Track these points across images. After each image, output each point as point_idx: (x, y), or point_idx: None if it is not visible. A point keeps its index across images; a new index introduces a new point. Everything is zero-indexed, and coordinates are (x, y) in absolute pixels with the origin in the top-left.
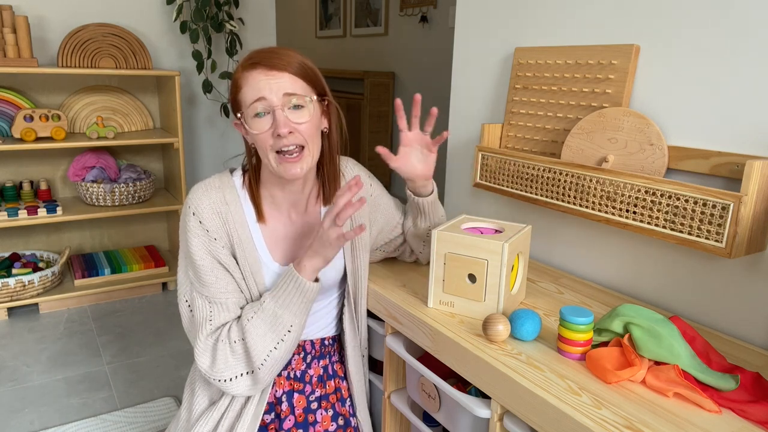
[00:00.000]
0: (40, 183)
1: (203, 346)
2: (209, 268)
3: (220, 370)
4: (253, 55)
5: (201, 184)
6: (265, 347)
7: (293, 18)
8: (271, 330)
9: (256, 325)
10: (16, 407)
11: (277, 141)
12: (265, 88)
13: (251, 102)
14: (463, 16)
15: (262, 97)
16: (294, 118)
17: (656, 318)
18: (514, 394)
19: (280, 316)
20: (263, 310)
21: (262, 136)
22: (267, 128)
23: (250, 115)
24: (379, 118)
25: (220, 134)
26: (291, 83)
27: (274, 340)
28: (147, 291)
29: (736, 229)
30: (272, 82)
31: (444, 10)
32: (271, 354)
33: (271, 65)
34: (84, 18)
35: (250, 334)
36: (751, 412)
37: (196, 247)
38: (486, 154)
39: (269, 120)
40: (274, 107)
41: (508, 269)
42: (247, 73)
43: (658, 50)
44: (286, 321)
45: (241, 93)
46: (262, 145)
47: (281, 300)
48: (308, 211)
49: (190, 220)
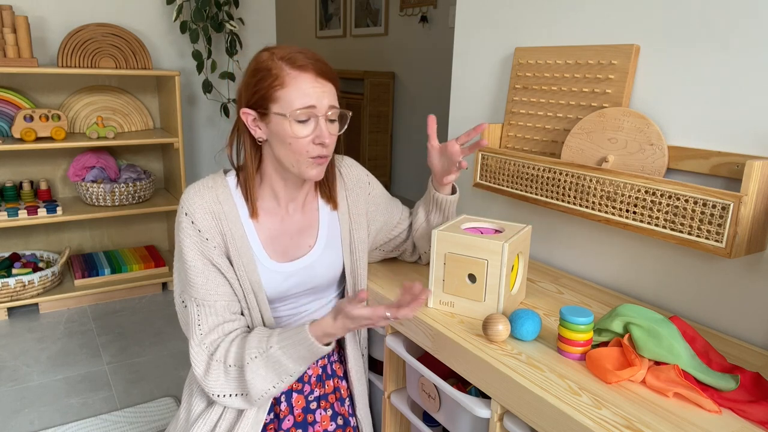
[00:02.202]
0: (40, 183)
1: (197, 354)
2: (200, 269)
3: (212, 385)
4: (299, 56)
5: (194, 185)
6: (264, 386)
7: (293, 18)
8: (273, 373)
9: (258, 366)
10: (16, 407)
11: (317, 149)
12: (314, 96)
13: (300, 107)
14: (463, 16)
15: (312, 105)
16: (331, 129)
17: (656, 318)
18: (514, 394)
19: (285, 364)
20: (269, 356)
21: (302, 141)
22: (308, 134)
23: (293, 118)
24: (379, 118)
25: (220, 134)
26: (334, 95)
27: (273, 381)
28: (147, 291)
29: (736, 229)
30: (320, 91)
31: (444, 10)
32: (269, 392)
33: (321, 73)
34: (84, 18)
35: (251, 372)
36: (751, 412)
37: (188, 248)
38: (486, 154)
39: (311, 126)
40: (319, 116)
41: (508, 269)
42: (296, 74)
43: (658, 50)
44: (290, 369)
45: (284, 91)
46: (298, 148)
47: (289, 352)
48: (305, 206)
49: (183, 221)
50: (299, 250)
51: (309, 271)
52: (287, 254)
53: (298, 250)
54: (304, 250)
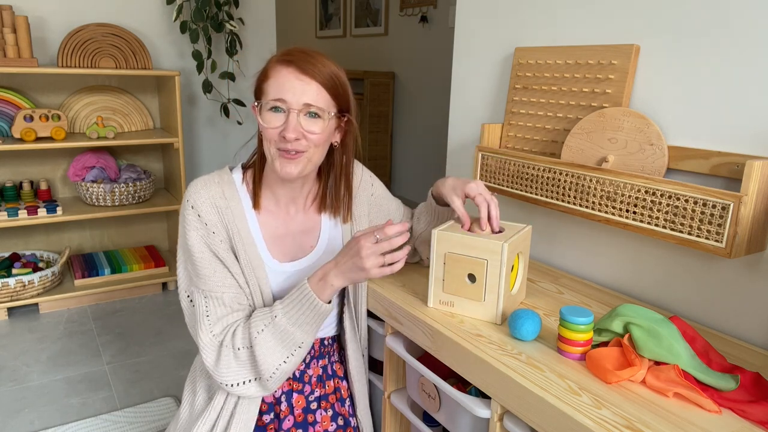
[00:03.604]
0: (40, 183)
1: (206, 344)
2: (207, 261)
3: (223, 374)
4: (292, 51)
5: (200, 179)
6: (274, 361)
7: (293, 18)
8: (281, 345)
9: (266, 338)
10: (16, 407)
11: (281, 142)
12: (289, 91)
13: (272, 97)
14: (463, 16)
15: (282, 99)
16: (306, 125)
17: (656, 318)
18: (514, 394)
19: (292, 333)
20: (275, 325)
21: (271, 131)
22: (277, 125)
23: (266, 107)
24: (379, 118)
25: (220, 134)
26: (316, 94)
27: (284, 354)
28: (147, 291)
29: (736, 229)
30: (298, 86)
31: (444, 10)
32: (280, 367)
33: (303, 69)
34: (84, 18)
35: (260, 347)
36: (751, 412)
37: (194, 240)
38: (486, 154)
39: (282, 118)
40: (291, 110)
41: (507, 269)
42: (279, 68)
43: (658, 50)
44: (297, 338)
45: (266, 83)
46: (268, 137)
47: (293, 317)
48: (306, 210)
49: (189, 213)
50: (300, 251)
51: (310, 271)
52: (288, 254)
53: (299, 251)
54: (305, 251)
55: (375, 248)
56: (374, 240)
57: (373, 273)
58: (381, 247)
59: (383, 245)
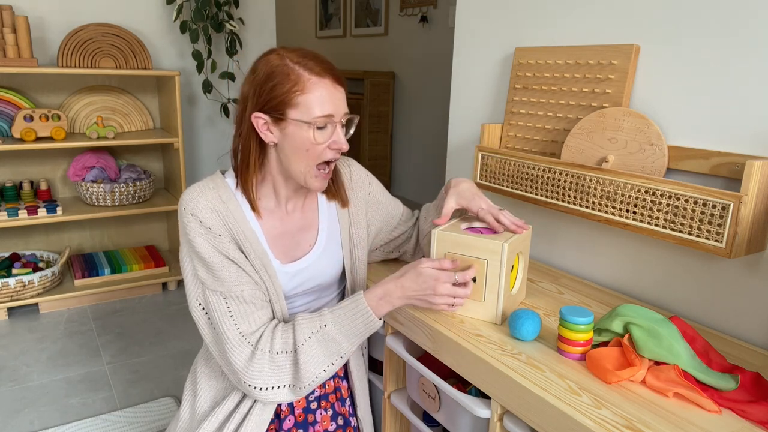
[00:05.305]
0: (40, 183)
1: (235, 345)
2: (219, 263)
3: (254, 377)
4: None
5: (194, 187)
6: (316, 369)
7: (293, 18)
8: (326, 353)
9: (312, 346)
10: (16, 407)
11: (332, 153)
12: (333, 104)
13: (320, 114)
14: (463, 16)
15: (330, 114)
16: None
17: (656, 318)
18: (514, 394)
19: (339, 342)
20: (324, 333)
21: (319, 147)
22: (324, 140)
23: (313, 124)
24: (379, 118)
25: (220, 134)
26: (345, 100)
27: (326, 363)
28: (147, 291)
29: (736, 229)
30: (337, 98)
31: (444, 10)
32: (320, 375)
33: (337, 79)
34: (84, 18)
35: (305, 354)
36: (751, 412)
37: (203, 246)
38: (486, 154)
39: (329, 133)
40: (336, 123)
41: (507, 269)
42: (316, 80)
43: (658, 50)
44: (343, 348)
45: (305, 97)
46: (314, 154)
47: (344, 328)
48: (305, 206)
49: (190, 221)
50: (300, 250)
51: (310, 271)
52: (288, 254)
53: (298, 250)
54: (304, 250)
55: (451, 290)
56: (453, 281)
57: (438, 308)
58: (456, 291)
59: (459, 290)
